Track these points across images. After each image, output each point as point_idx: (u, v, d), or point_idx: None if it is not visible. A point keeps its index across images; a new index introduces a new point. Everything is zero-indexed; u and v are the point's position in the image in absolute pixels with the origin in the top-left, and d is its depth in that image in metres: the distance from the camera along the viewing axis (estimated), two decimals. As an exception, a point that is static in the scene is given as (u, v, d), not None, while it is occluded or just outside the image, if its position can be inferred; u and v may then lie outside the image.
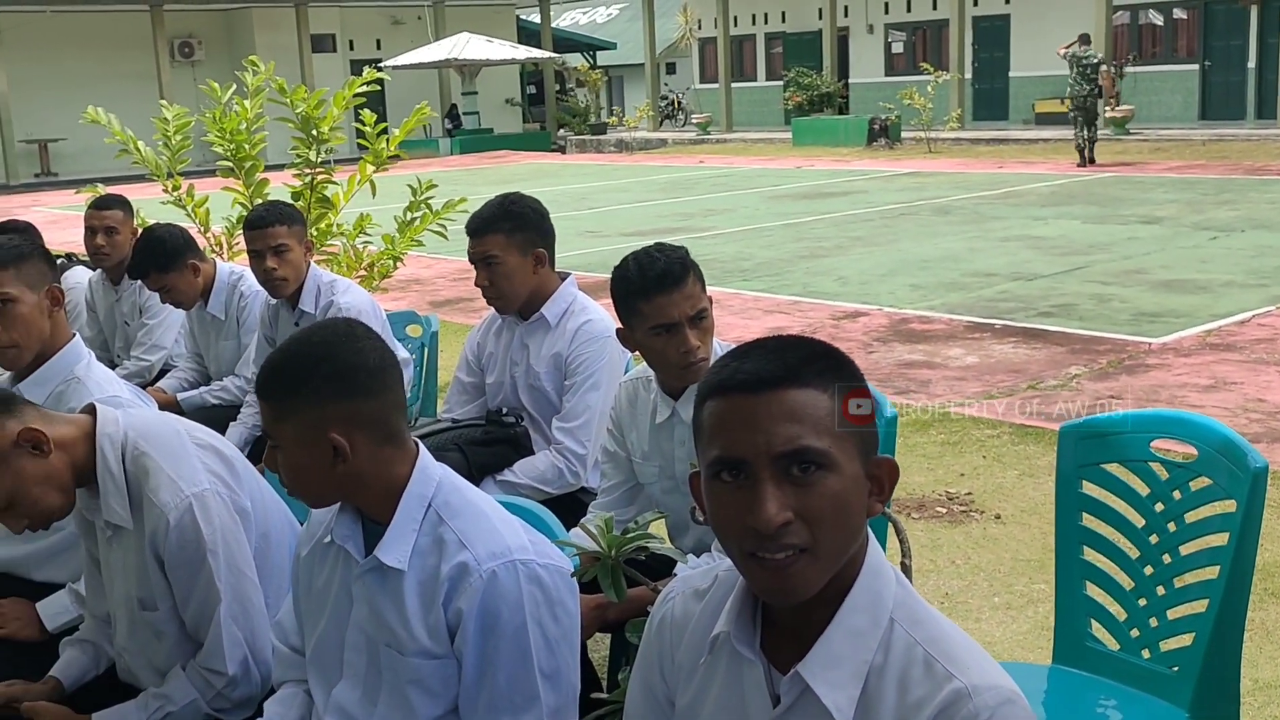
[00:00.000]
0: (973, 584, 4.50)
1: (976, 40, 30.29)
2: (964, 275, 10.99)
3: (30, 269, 2.96)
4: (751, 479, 1.47)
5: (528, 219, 3.63)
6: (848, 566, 1.53)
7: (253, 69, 7.21)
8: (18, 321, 2.91)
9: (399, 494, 2.06)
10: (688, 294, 2.80)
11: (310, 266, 4.53)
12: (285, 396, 2.02)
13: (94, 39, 31.77)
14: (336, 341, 2.06)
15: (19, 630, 2.81)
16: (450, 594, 2.01)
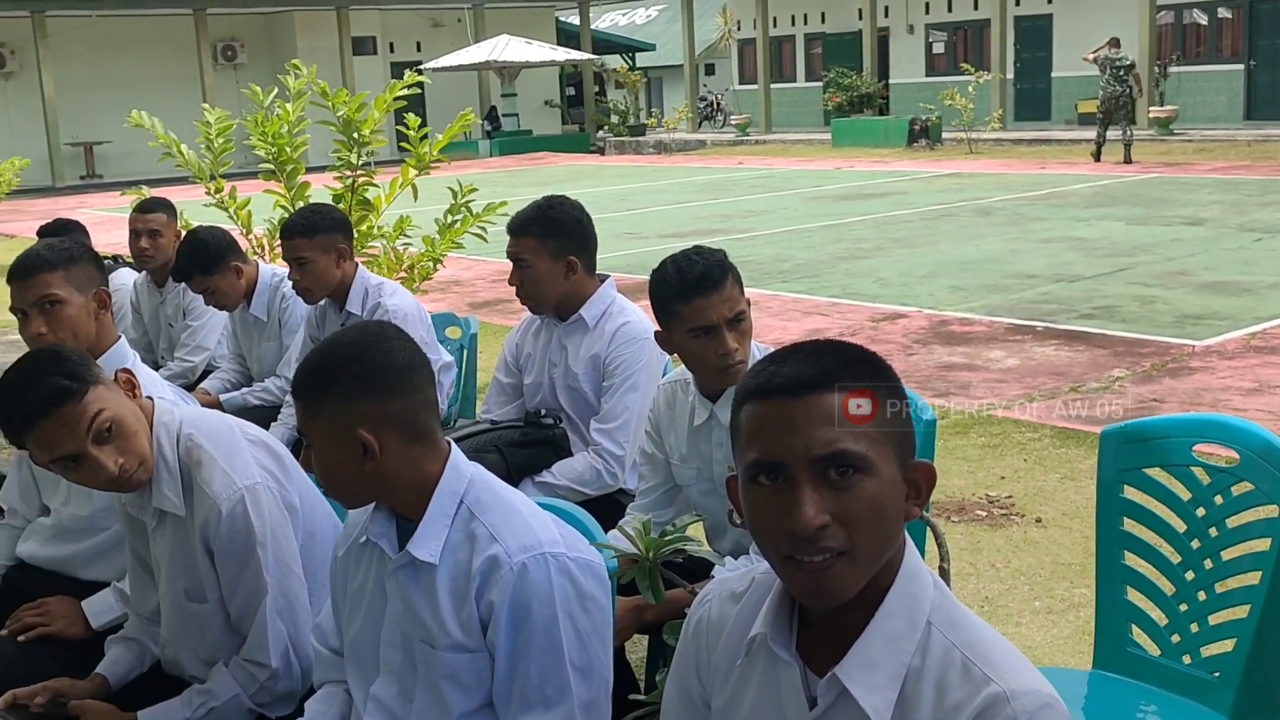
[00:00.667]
0: (1013, 588, 4.48)
1: (1018, 40, 30.09)
2: (1005, 277, 10.92)
3: (79, 271, 3.01)
4: (789, 482, 1.48)
5: (563, 225, 3.64)
6: (885, 570, 1.53)
7: (295, 72, 7.27)
8: (64, 322, 2.97)
9: (430, 491, 2.09)
10: (725, 297, 2.81)
11: (358, 269, 4.53)
12: (316, 395, 2.06)
13: (138, 43, 32.11)
14: (366, 342, 2.09)
15: (65, 628, 2.85)
16: (482, 587, 2.03)
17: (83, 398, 2.35)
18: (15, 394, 2.37)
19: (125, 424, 2.40)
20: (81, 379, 2.36)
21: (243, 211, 7.41)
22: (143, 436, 2.44)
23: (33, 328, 2.97)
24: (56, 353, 2.44)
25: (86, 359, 2.44)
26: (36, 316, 2.96)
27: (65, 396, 2.34)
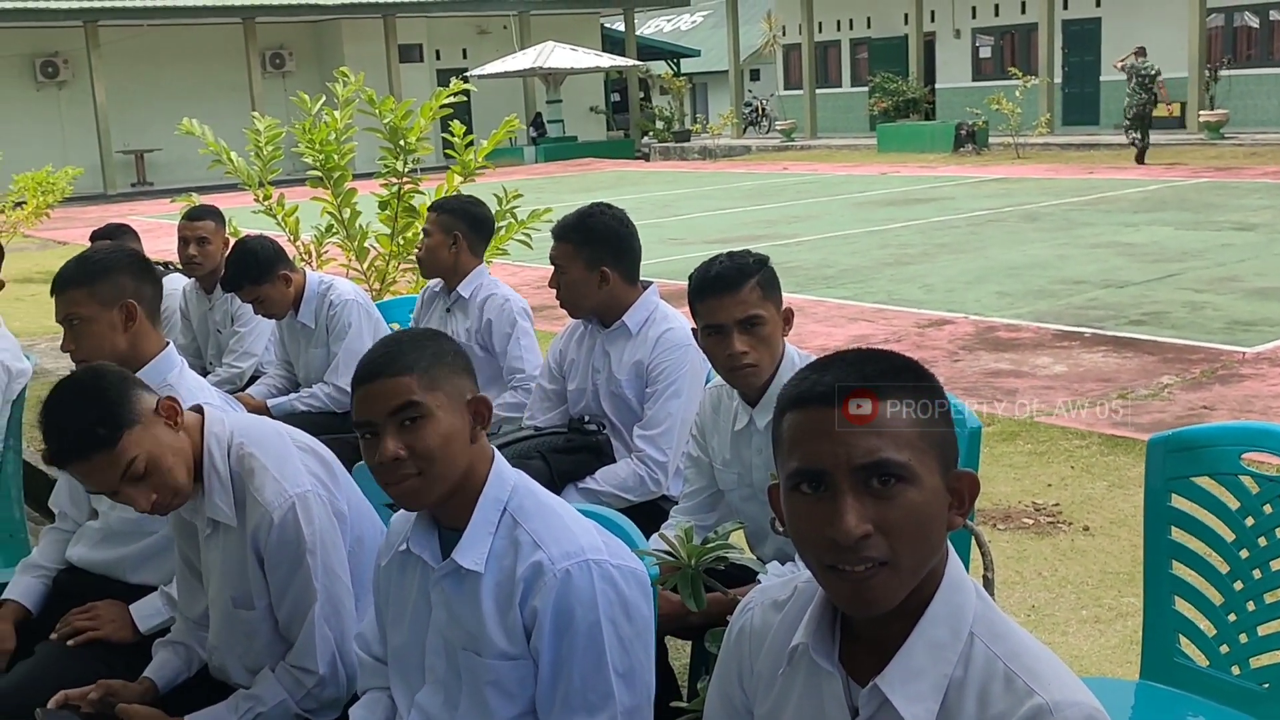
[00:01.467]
0: (1060, 596, 4.44)
1: (1066, 44, 29.84)
2: (1052, 282, 10.84)
3: (106, 285, 2.99)
4: (831, 491, 1.48)
5: (600, 235, 3.65)
6: (928, 579, 1.53)
7: (343, 80, 7.34)
8: (87, 340, 2.97)
9: (476, 497, 2.10)
10: (740, 300, 2.84)
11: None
12: (431, 364, 2.09)
13: (188, 51, 32.48)
14: (435, 333, 2.20)
15: (114, 632, 2.88)
16: (526, 593, 2.04)
17: (116, 445, 2.36)
18: (53, 433, 2.41)
19: (161, 462, 2.41)
20: (117, 424, 2.36)
21: (290, 219, 7.48)
22: (179, 468, 2.44)
23: (64, 343, 3.02)
24: (96, 387, 2.41)
25: (125, 393, 2.40)
26: (66, 332, 3.01)
27: (98, 447, 2.37)
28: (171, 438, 2.43)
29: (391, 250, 7.45)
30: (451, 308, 4.70)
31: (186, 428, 2.48)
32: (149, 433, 2.39)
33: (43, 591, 3.10)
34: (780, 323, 2.91)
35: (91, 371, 2.44)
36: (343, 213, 7.47)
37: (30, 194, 16.22)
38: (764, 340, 2.87)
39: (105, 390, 2.40)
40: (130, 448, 2.37)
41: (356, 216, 7.51)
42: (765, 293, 2.88)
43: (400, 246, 7.42)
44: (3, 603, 3.06)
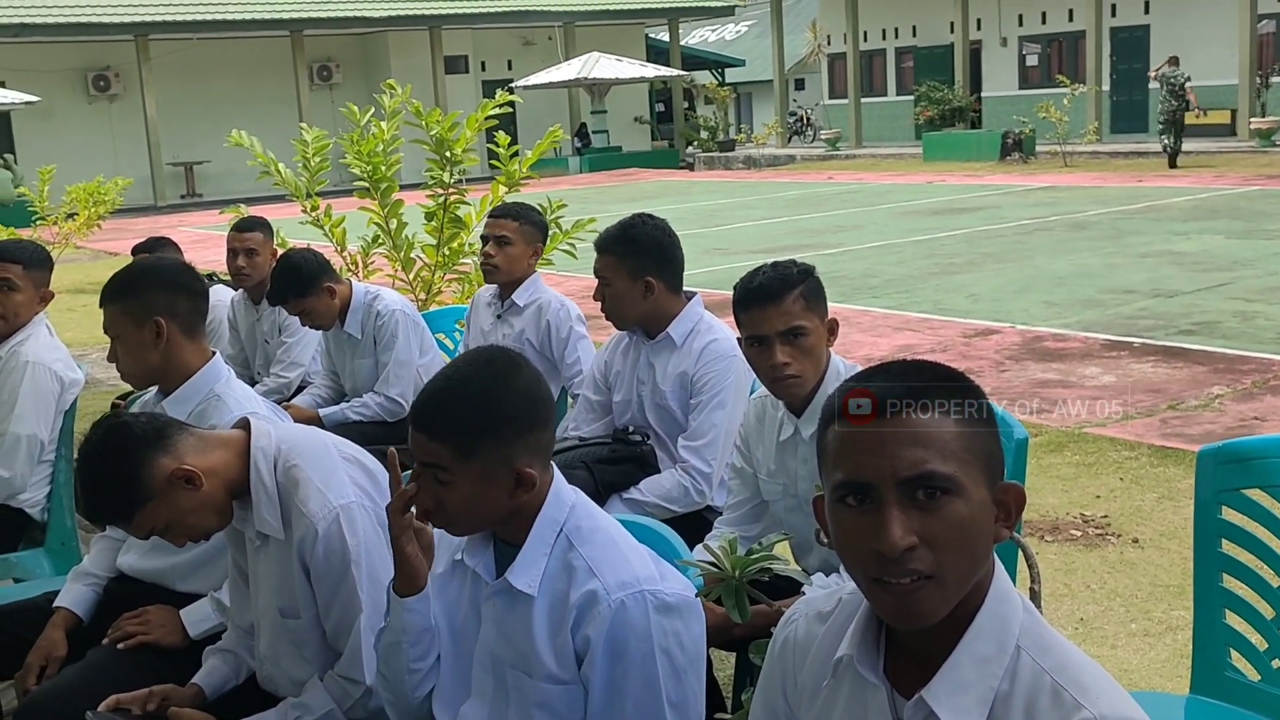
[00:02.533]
0: (1109, 609, 4.40)
1: (1114, 51, 29.58)
2: (1101, 292, 10.74)
3: (136, 304, 2.99)
4: (876, 503, 1.47)
5: (643, 245, 3.66)
6: (974, 592, 1.52)
7: (390, 92, 7.39)
8: (124, 356, 3.02)
9: (533, 516, 2.10)
10: (784, 310, 2.85)
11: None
12: (475, 438, 2.03)
13: (237, 64, 32.83)
14: (510, 375, 2.09)
15: (164, 637, 2.91)
16: (578, 621, 2.03)
17: (132, 520, 2.42)
18: (79, 497, 2.48)
19: (181, 523, 2.45)
20: (128, 505, 2.39)
21: (337, 229, 7.54)
22: (205, 519, 2.47)
23: (109, 355, 3.06)
24: (107, 466, 2.41)
25: (137, 468, 2.39)
26: (111, 347, 3.05)
27: (119, 519, 2.45)
28: (189, 499, 2.43)
29: (437, 261, 7.49)
30: (504, 314, 4.74)
31: (220, 465, 2.48)
32: (164, 504, 2.41)
33: (93, 599, 3.14)
34: (824, 333, 2.90)
35: (103, 445, 2.43)
36: (389, 223, 7.52)
37: (82, 205, 16.43)
38: (807, 351, 2.87)
39: (117, 470, 2.40)
40: (145, 521, 2.42)
41: (403, 227, 7.56)
42: (808, 303, 2.87)
43: (446, 257, 7.46)
44: (55, 610, 3.10)
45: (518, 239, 4.69)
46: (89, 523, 2.53)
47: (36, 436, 3.96)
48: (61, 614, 3.08)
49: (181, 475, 2.40)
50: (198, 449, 2.46)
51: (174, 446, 2.43)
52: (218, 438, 2.56)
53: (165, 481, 2.40)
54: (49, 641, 3.00)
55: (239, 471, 2.49)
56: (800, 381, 2.88)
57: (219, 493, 2.46)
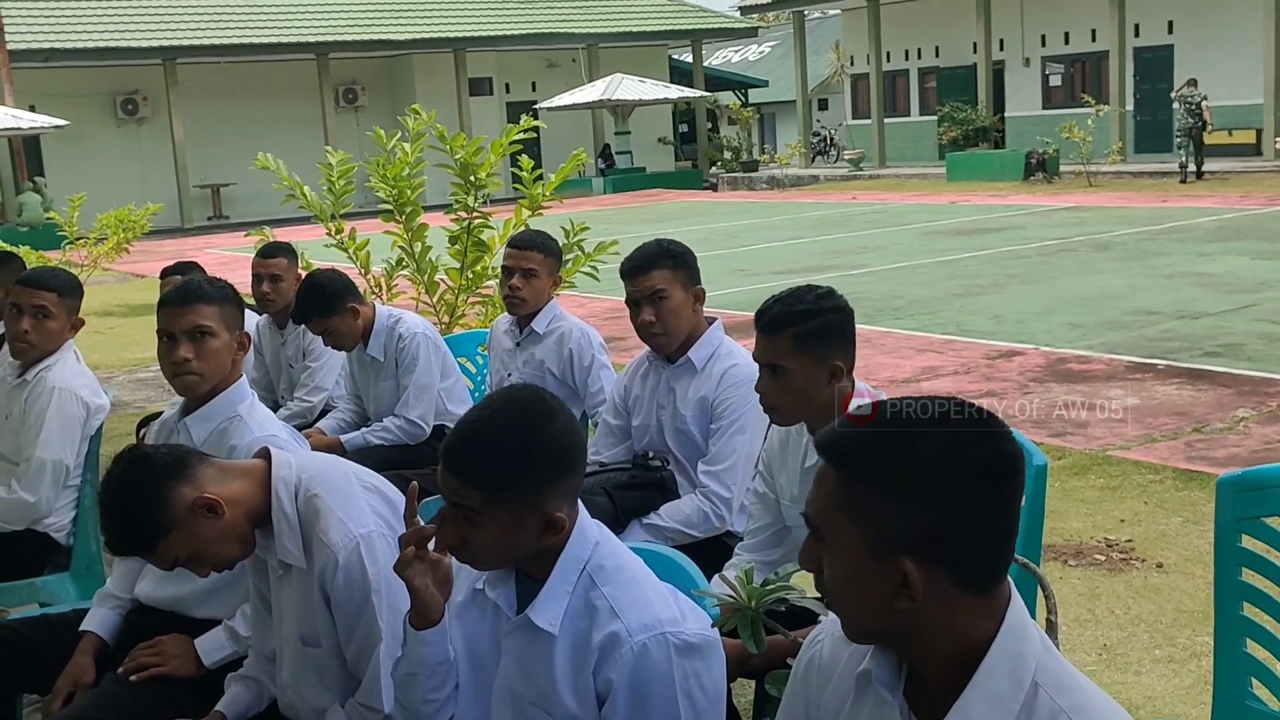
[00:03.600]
0: (1132, 635, 4.37)
1: (1138, 71, 29.51)
2: (1125, 313, 10.70)
3: (230, 310, 3.14)
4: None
5: (686, 259, 3.75)
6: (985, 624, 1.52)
7: (414, 116, 7.44)
8: (209, 354, 3.07)
9: (558, 553, 2.11)
10: (772, 346, 2.85)
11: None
12: (505, 484, 2.04)
13: (263, 87, 33.07)
14: (544, 420, 2.09)
15: (178, 667, 2.93)
16: (600, 663, 2.04)
17: (155, 551, 2.45)
18: (106, 527, 2.52)
19: (203, 552, 2.47)
20: (150, 537, 2.42)
21: (361, 252, 7.58)
22: (228, 547, 2.49)
23: (180, 353, 3.06)
24: (130, 497, 2.44)
25: (158, 500, 2.42)
26: (185, 343, 3.05)
27: (137, 551, 2.49)
28: (212, 528, 2.45)
29: (461, 284, 7.53)
30: (522, 342, 4.75)
31: (241, 495, 2.50)
32: (186, 533, 2.43)
33: (117, 622, 3.17)
34: (817, 373, 2.82)
35: (125, 478, 2.46)
36: (413, 246, 7.56)
37: (112, 231, 16.56)
38: (789, 389, 2.84)
39: (139, 501, 2.42)
40: (168, 552, 2.44)
41: (427, 250, 7.60)
42: (798, 344, 2.81)
43: (469, 280, 7.50)
44: (82, 634, 3.13)
45: (542, 270, 4.68)
46: (114, 554, 2.55)
47: (62, 462, 4.00)
48: (89, 639, 3.11)
49: (203, 504, 2.43)
50: (218, 478, 2.49)
51: (195, 476, 2.46)
52: (238, 467, 2.58)
53: (187, 511, 2.42)
54: (77, 667, 3.03)
55: (260, 500, 2.51)
56: (778, 415, 2.92)
57: (241, 521, 2.48)
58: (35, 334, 4.03)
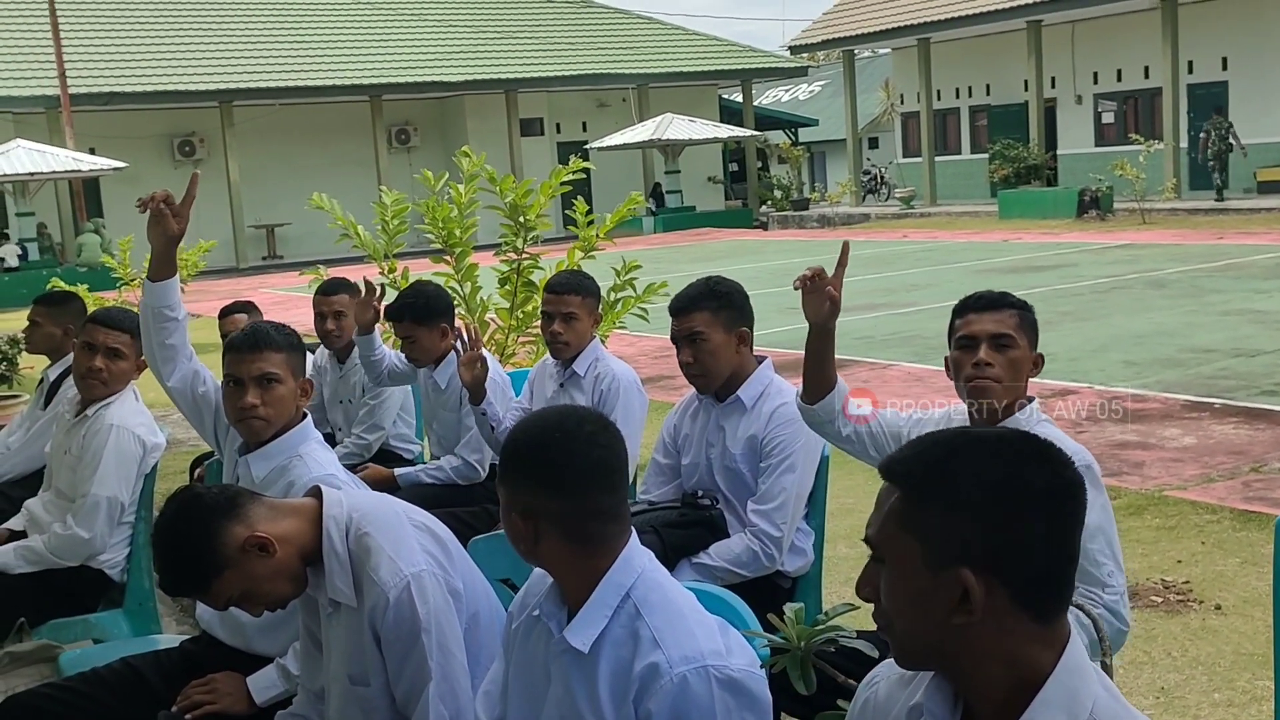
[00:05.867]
0: (1190, 678, 4.29)
1: (1192, 108, 29.26)
2: (1180, 351, 10.57)
3: (295, 357, 3.21)
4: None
5: (732, 299, 3.74)
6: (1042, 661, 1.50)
7: (467, 159, 7.51)
8: (276, 401, 3.14)
9: (601, 577, 2.12)
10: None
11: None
12: (505, 472, 2.19)
13: (317, 129, 33.51)
14: (560, 434, 2.16)
15: (230, 705, 2.96)
16: (640, 693, 2.03)
17: (208, 590, 2.48)
18: (160, 568, 2.56)
19: (256, 591, 2.50)
20: (203, 576, 2.45)
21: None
22: (280, 586, 2.52)
23: (247, 398, 3.11)
24: (184, 537, 2.47)
25: (211, 540, 2.45)
26: (253, 389, 3.11)
27: (190, 592, 2.53)
28: (264, 566, 2.47)
29: (510, 324, 7.57)
30: (565, 384, 4.74)
31: (293, 533, 2.52)
32: (239, 572, 2.46)
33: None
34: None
35: (177, 519, 2.49)
36: (464, 286, 7.62)
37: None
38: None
39: (192, 541, 2.45)
40: (222, 591, 2.47)
41: (477, 290, 7.65)
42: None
43: (519, 320, 7.54)
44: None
45: (581, 312, 4.65)
46: (169, 594, 2.59)
47: (117, 499, 4.04)
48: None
49: (255, 542, 2.45)
50: (270, 517, 2.51)
51: (246, 515, 2.48)
52: (289, 505, 2.60)
53: (239, 549, 2.44)
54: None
55: (311, 539, 2.53)
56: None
57: (293, 559, 2.50)
58: (107, 372, 4.12)
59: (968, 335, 3.04)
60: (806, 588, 3.78)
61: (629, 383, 4.59)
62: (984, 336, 3.01)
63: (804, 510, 3.74)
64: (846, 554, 5.64)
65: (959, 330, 3.08)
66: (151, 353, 3.54)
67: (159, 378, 3.60)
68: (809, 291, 3.08)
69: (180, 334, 3.50)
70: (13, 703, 3.09)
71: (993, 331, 3.00)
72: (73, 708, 3.10)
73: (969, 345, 3.03)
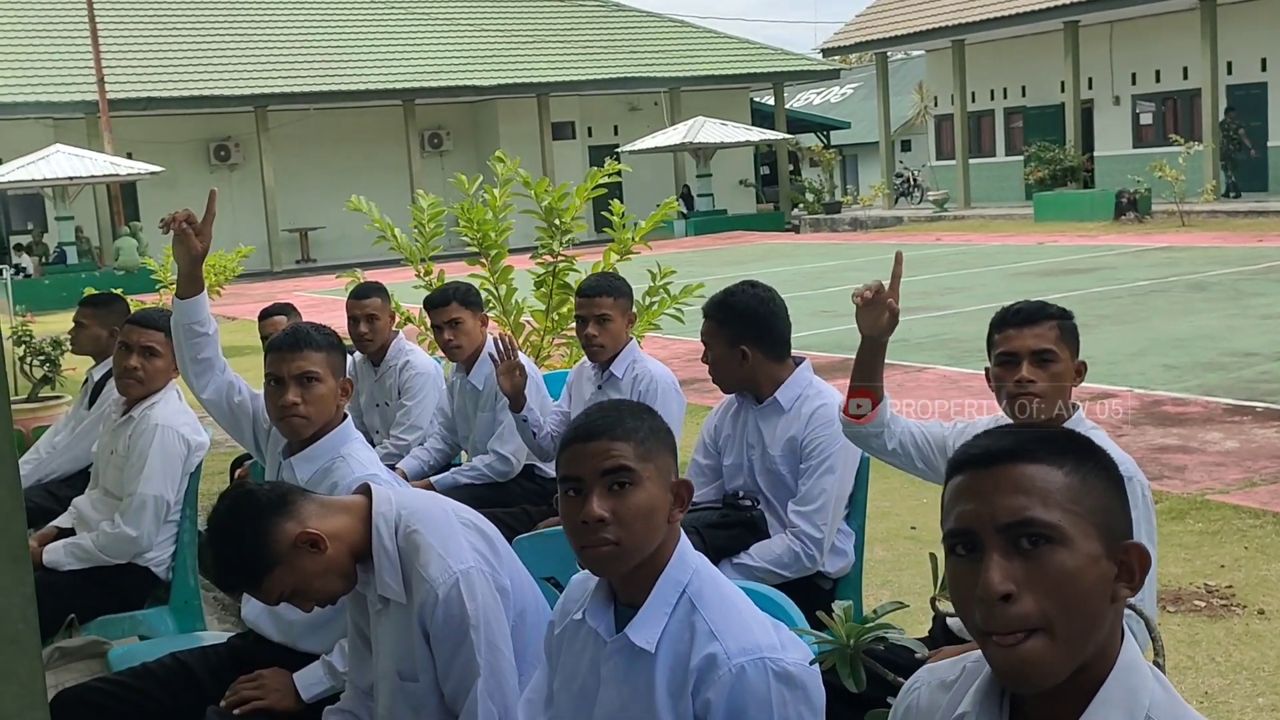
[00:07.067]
0: (1234, 683, 4.25)
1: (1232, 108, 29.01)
2: (1221, 355, 10.48)
3: (335, 357, 3.24)
4: (979, 551, 1.49)
5: (739, 313, 3.70)
6: (1099, 660, 1.49)
7: (499, 164, 7.53)
8: (317, 400, 3.16)
9: (657, 575, 2.12)
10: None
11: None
12: (647, 437, 2.16)
13: (350, 133, 33.70)
14: (651, 410, 2.25)
15: (278, 701, 2.98)
16: (699, 684, 2.04)
17: (260, 586, 2.50)
18: (213, 564, 2.58)
19: (307, 588, 2.51)
20: (255, 573, 2.47)
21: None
22: (331, 583, 2.53)
23: (288, 397, 3.14)
24: (237, 533, 2.49)
25: (264, 535, 2.47)
26: (293, 388, 3.14)
27: (249, 585, 2.54)
28: (315, 562, 2.49)
29: (546, 326, 7.58)
30: (603, 385, 4.75)
31: (343, 530, 2.54)
32: (290, 568, 2.48)
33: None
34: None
35: (230, 515, 2.52)
36: (499, 289, 7.64)
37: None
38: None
39: (244, 537, 2.47)
40: (274, 587, 2.49)
41: (512, 293, 7.67)
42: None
43: (554, 322, 7.55)
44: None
45: (615, 313, 4.67)
46: (221, 591, 2.61)
47: (163, 497, 4.09)
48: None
49: (306, 539, 2.46)
50: (320, 514, 2.53)
51: (297, 511, 2.50)
52: (339, 503, 2.62)
53: (290, 546, 2.46)
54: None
55: (361, 536, 2.55)
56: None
57: (343, 556, 2.52)
58: (143, 371, 4.16)
59: (1008, 352, 3.01)
60: (847, 589, 3.77)
61: (667, 384, 4.60)
62: (1024, 353, 2.98)
63: (844, 511, 3.74)
64: (883, 556, 5.63)
65: (998, 345, 3.05)
66: (185, 368, 3.58)
67: (193, 391, 3.64)
68: (868, 305, 3.07)
69: (212, 347, 3.53)
70: (66, 697, 3.12)
71: (1033, 348, 2.98)
72: (124, 702, 3.14)
73: (1009, 362, 3.01)
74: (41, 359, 8.23)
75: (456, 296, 5.08)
